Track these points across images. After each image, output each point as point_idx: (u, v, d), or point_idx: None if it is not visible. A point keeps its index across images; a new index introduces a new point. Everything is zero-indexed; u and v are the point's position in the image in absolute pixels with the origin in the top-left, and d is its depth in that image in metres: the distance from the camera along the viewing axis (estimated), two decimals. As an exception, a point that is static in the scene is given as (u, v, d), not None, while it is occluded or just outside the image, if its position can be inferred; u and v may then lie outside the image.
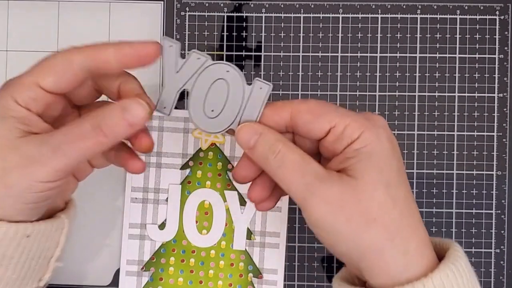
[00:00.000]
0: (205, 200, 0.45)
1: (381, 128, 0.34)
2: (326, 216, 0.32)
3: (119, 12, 0.46)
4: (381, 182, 0.33)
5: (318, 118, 0.34)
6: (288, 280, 0.46)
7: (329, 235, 0.33)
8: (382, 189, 0.32)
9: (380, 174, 0.33)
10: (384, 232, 0.32)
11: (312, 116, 0.34)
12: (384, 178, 0.33)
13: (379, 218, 0.32)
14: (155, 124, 0.45)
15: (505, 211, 0.46)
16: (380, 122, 0.34)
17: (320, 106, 0.34)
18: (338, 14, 0.46)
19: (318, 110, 0.34)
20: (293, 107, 0.34)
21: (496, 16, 0.46)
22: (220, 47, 0.46)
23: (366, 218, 0.32)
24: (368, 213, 0.32)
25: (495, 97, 0.46)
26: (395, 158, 0.34)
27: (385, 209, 0.32)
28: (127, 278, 0.45)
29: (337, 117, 0.33)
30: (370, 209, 0.32)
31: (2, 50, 0.46)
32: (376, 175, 0.33)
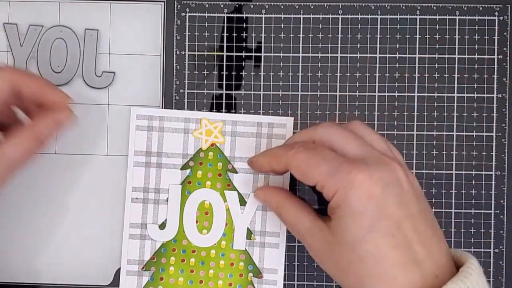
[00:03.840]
0: (205, 200, 0.45)
1: (355, 188, 0.35)
2: (315, 258, 0.39)
3: (119, 12, 0.46)
4: (348, 243, 0.36)
5: (305, 176, 0.38)
6: (288, 280, 0.46)
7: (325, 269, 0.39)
8: (349, 248, 0.36)
9: (348, 234, 0.36)
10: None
11: (300, 174, 0.38)
12: (350, 238, 0.36)
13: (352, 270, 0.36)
14: (156, 125, 0.45)
15: (504, 211, 0.46)
16: (357, 178, 0.35)
17: (307, 161, 0.37)
18: (337, 15, 0.46)
19: (305, 167, 0.37)
20: (286, 162, 0.39)
21: (495, 17, 0.46)
22: (220, 48, 0.46)
23: (340, 268, 0.37)
24: (343, 265, 0.37)
25: (494, 98, 0.46)
26: (365, 216, 0.35)
27: (355, 264, 0.36)
28: (128, 278, 0.45)
29: (319, 175, 0.37)
30: (344, 263, 0.37)
31: (3, 50, 0.46)
32: (345, 235, 0.36)
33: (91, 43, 0.46)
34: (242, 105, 0.46)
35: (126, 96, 0.46)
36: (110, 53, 0.46)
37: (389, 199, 0.35)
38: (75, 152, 0.45)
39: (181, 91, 0.46)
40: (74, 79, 0.46)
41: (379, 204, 0.35)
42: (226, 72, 0.46)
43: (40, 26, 0.46)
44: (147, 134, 0.45)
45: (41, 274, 0.46)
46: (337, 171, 0.36)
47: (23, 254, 0.46)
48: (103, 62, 0.46)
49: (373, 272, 0.35)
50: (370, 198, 0.35)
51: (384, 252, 0.35)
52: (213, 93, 0.46)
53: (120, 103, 0.46)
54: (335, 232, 0.37)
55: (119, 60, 0.46)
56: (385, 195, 0.35)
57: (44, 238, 0.46)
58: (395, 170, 0.36)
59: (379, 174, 0.36)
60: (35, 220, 0.46)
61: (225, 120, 0.45)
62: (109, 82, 0.46)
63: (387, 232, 0.35)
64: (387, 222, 0.35)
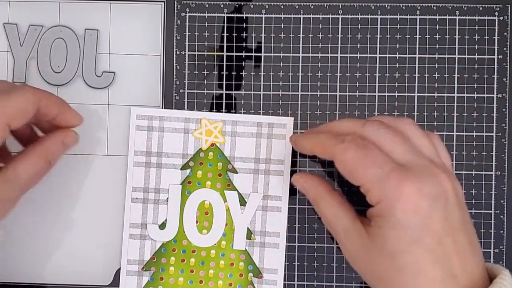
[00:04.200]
0: (205, 200, 0.45)
1: (402, 200, 0.35)
2: (349, 260, 0.39)
3: (119, 12, 0.46)
4: (388, 253, 0.36)
5: (350, 175, 0.37)
6: (288, 280, 0.46)
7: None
8: (388, 258, 0.36)
9: (389, 244, 0.35)
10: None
11: (345, 171, 0.37)
12: (390, 248, 0.35)
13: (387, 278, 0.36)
14: (156, 125, 0.45)
15: (504, 211, 0.46)
16: (405, 190, 0.35)
17: (356, 161, 0.36)
18: (337, 15, 0.46)
19: (352, 166, 0.37)
20: (333, 154, 0.38)
21: (495, 17, 0.46)
22: (220, 48, 0.46)
23: (376, 275, 0.37)
24: (380, 274, 0.37)
25: (494, 98, 0.46)
26: (409, 229, 0.35)
27: (392, 273, 0.36)
28: (128, 278, 0.45)
29: (366, 178, 0.36)
30: (381, 272, 0.36)
31: (3, 51, 0.46)
32: (385, 245, 0.36)
33: (91, 43, 0.46)
34: (242, 105, 0.46)
35: (126, 96, 0.46)
36: (110, 53, 0.46)
37: (434, 214, 0.35)
38: (75, 152, 0.45)
39: (181, 91, 0.46)
40: (74, 79, 0.46)
41: (424, 219, 0.35)
42: (226, 72, 0.46)
43: (40, 26, 0.46)
44: (147, 134, 0.45)
45: (40, 274, 0.46)
46: (386, 179, 0.35)
47: (22, 254, 0.46)
48: (103, 62, 0.46)
49: (410, 285, 0.35)
50: (416, 212, 0.35)
51: (424, 266, 0.35)
52: (213, 93, 0.46)
53: (120, 103, 0.46)
54: (375, 239, 0.36)
55: (119, 60, 0.46)
56: (431, 210, 0.35)
57: (44, 238, 0.46)
58: (443, 182, 0.36)
59: (428, 188, 0.35)
60: (35, 220, 0.46)
61: (225, 120, 0.45)
62: (109, 82, 0.46)
63: (428, 247, 0.35)
64: (429, 237, 0.35)
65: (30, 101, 0.39)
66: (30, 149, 0.41)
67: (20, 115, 0.38)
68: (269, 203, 0.45)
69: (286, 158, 0.45)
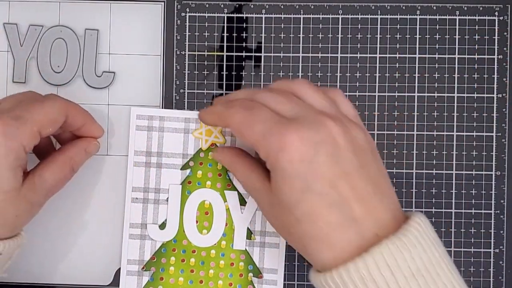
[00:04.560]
0: (206, 200, 0.45)
1: (285, 150, 0.35)
2: (266, 218, 0.40)
3: (119, 12, 0.46)
4: (285, 205, 0.36)
5: (242, 137, 0.38)
6: (288, 280, 0.46)
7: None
8: (286, 210, 0.36)
9: (284, 196, 0.36)
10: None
11: (238, 134, 0.38)
12: (286, 200, 0.36)
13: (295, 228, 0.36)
14: (156, 125, 0.45)
15: (504, 211, 0.46)
16: (287, 140, 0.35)
17: (243, 122, 0.37)
18: (337, 15, 0.46)
19: (241, 128, 0.38)
20: (226, 121, 0.39)
21: (495, 17, 0.46)
22: (220, 48, 0.46)
23: (282, 228, 0.38)
24: (285, 226, 0.37)
25: (494, 98, 0.46)
26: (298, 178, 0.35)
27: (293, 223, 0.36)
28: (128, 278, 0.45)
29: (253, 137, 0.37)
30: (285, 224, 0.37)
31: (3, 51, 0.46)
32: (282, 198, 0.36)
33: (91, 43, 0.46)
34: (242, 105, 0.46)
35: (126, 96, 0.46)
36: (110, 53, 0.46)
37: (320, 159, 0.35)
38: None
39: (181, 91, 0.46)
40: (74, 79, 0.46)
41: (310, 165, 0.35)
42: (226, 72, 0.46)
43: (40, 26, 0.46)
44: (147, 134, 0.45)
45: (40, 274, 0.46)
46: (269, 133, 0.36)
47: (21, 254, 0.46)
48: (103, 62, 0.46)
49: (310, 233, 0.35)
50: (301, 160, 0.35)
51: (319, 211, 0.35)
52: (213, 93, 0.46)
53: (120, 103, 0.46)
54: (274, 194, 0.37)
55: (119, 60, 0.46)
56: (316, 155, 0.35)
57: (44, 238, 0.46)
58: (329, 127, 0.35)
59: (310, 134, 0.35)
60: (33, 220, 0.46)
61: (225, 120, 0.45)
62: (109, 82, 0.46)
63: (320, 191, 0.35)
64: (320, 182, 0.35)
65: (61, 111, 0.40)
66: (55, 156, 0.41)
67: (51, 124, 0.39)
68: (269, 203, 0.45)
69: (286, 158, 0.45)
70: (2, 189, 0.37)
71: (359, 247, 0.34)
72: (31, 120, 0.38)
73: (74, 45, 0.46)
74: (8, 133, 0.37)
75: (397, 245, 0.33)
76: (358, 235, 0.34)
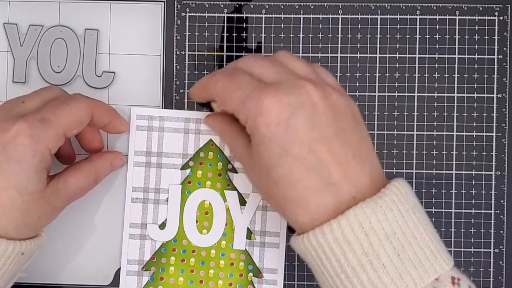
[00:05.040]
0: (205, 200, 0.45)
1: (263, 114, 0.35)
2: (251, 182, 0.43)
3: (119, 12, 0.46)
4: (264, 169, 0.36)
5: (223, 104, 0.39)
6: (288, 280, 0.46)
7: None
8: (265, 173, 0.37)
9: (262, 160, 0.36)
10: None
11: (220, 102, 0.39)
12: (264, 164, 0.36)
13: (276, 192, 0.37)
14: (156, 125, 0.45)
15: (504, 211, 0.46)
16: (265, 104, 0.35)
17: (223, 88, 0.38)
18: (337, 15, 0.46)
19: (222, 95, 0.38)
20: (210, 91, 0.39)
21: (495, 17, 0.46)
22: (220, 48, 0.46)
23: (263, 192, 0.39)
24: (265, 189, 0.38)
25: (494, 98, 0.46)
26: (275, 142, 0.35)
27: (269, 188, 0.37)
28: (128, 278, 0.45)
29: (233, 102, 0.37)
30: (264, 188, 0.38)
31: (3, 50, 0.46)
32: (260, 162, 0.37)
33: (91, 43, 0.46)
34: (242, 105, 0.46)
35: (126, 96, 0.46)
36: (110, 53, 0.46)
37: (298, 123, 0.35)
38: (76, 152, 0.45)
39: (181, 91, 0.46)
40: (74, 79, 0.46)
41: (288, 129, 0.35)
42: (226, 72, 0.46)
43: (40, 26, 0.46)
44: (147, 134, 0.45)
45: (40, 274, 0.46)
46: (248, 98, 0.36)
47: (23, 254, 0.46)
48: (103, 62, 0.46)
49: (288, 196, 0.36)
50: (279, 123, 0.35)
51: (296, 175, 0.35)
52: (213, 93, 0.46)
53: (120, 103, 0.46)
54: (254, 158, 0.37)
55: (119, 60, 0.46)
56: (294, 119, 0.35)
57: (44, 238, 0.46)
58: (308, 92, 0.36)
59: (289, 98, 0.35)
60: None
61: (225, 120, 0.45)
62: (109, 82, 0.46)
63: (298, 156, 0.35)
64: (297, 146, 0.35)
65: (87, 111, 0.40)
66: (81, 165, 0.42)
67: (76, 125, 0.40)
68: (269, 203, 0.45)
69: (286, 158, 0.45)
70: (28, 190, 0.37)
71: (336, 210, 0.34)
72: (56, 123, 0.38)
73: (74, 45, 0.46)
74: (35, 136, 0.37)
75: (372, 208, 0.34)
76: (335, 198, 0.35)
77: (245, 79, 0.37)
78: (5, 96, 0.46)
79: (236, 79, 0.37)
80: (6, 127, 0.37)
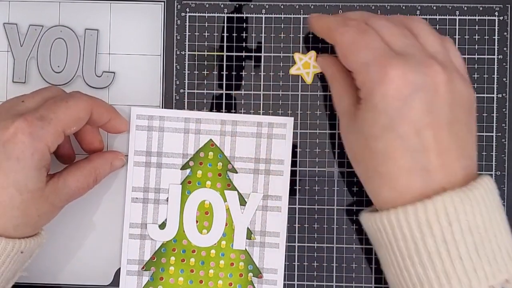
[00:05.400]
0: (205, 200, 0.45)
1: (383, 84, 0.34)
2: (342, 140, 0.40)
3: (119, 12, 0.46)
4: (363, 136, 0.36)
5: (344, 59, 0.38)
6: (288, 280, 0.46)
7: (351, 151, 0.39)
8: (363, 141, 0.36)
9: (365, 128, 0.36)
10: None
11: (341, 55, 0.38)
12: (366, 132, 0.36)
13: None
14: (156, 124, 0.45)
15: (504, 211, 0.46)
16: (389, 75, 0.34)
17: (350, 44, 0.37)
18: (338, 15, 0.46)
19: (346, 50, 0.37)
20: (334, 38, 0.38)
21: (495, 17, 0.46)
22: (220, 47, 0.46)
23: (352, 155, 0.39)
24: (356, 154, 0.38)
25: (494, 98, 0.46)
26: (385, 114, 0.35)
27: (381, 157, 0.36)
28: (128, 278, 0.45)
29: (356, 62, 0.36)
30: (356, 153, 0.38)
31: (3, 50, 0.46)
32: (363, 128, 0.36)
33: (91, 43, 0.46)
34: (242, 105, 0.46)
35: (126, 96, 0.46)
36: (110, 53, 0.46)
37: (416, 103, 0.34)
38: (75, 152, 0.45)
39: (181, 91, 0.46)
40: (74, 79, 0.46)
41: (403, 106, 0.34)
42: (226, 72, 0.46)
43: (40, 26, 0.46)
44: (147, 134, 0.45)
45: (40, 274, 0.46)
46: (373, 62, 0.35)
47: (23, 254, 0.46)
48: (103, 62, 0.46)
49: (378, 169, 0.35)
50: (396, 98, 0.34)
51: (393, 153, 0.34)
52: (213, 93, 0.46)
53: (120, 103, 0.46)
54: (357, 121, 0.37)
55: (119, 60, 0.46)
56: (413, 98, 0.34)
57: (44, 238, 0.46)
58: (434, 74, 0.35)
59: (414, 75, 0.34)
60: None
61: (225, 120, 0.45)
62: (109, 82, 0.46)
63: (403, 135, 0.34)
64: (406, 125, 0.34)
65: (86, 109, 0.40)
66: (81, 164, 0.42)
67: (75, 122, 0.40)
68: (269, 203, 0.45)
69: (286, 158, 0.45)
70: (27, 189, 0.37)
71: (422, 194, 0.34)
72: (55, 120, 0.38)
73: (74, 45, 0.46)
74: (34, 134, 0.37)
75: (461, 198, 0.33)
76: (425, 183, 0.34)
77: (376, 41, 0.36)
78: (5, 96, 0.46)
79: (367, 37, 0.36)
80: (5, 125, 0.37)
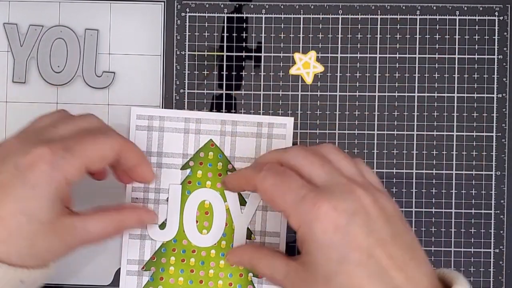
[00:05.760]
0: (206, 200, 0.45)
1: (319, 221, 0.35)
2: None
3: (119, 12, 0.46)
4: (322, 277, 0.35)
5: (271, 203, 0.37)
6: (288, 280, 0.46)
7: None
8: (324, 282, 0.35)
9: (320, 268, 0.35)
10: None
11: (267, 199, 0.38)
12: (322, 272, 0.35)
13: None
14: (156, 124, 0.45)
15: (504, 211, 0.46)
16: (321, 210, 0.35)
17: (273, 188, 0.37)
18: (337, 15, 0.46)
19: (271, 194, 0.37)
20: (255, 185, 0.38)
21: (495, 17, 0.46)
22: (220, 48, 0.46)
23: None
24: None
25: (494, 98, 0.46)
26: (333, 248, 0.34)
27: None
28: (128, 278, 0.45)
29: (284, 204, 0.36)
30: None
31: (3, 51, 0.46)
32: (317, 270, 0.35)
33: (91, 43, 0.46)
34: (242, 105, 0.46)
35: (126, 96, 0.46)
36: (110, 53, 0.46)
37: (355, 229, 0.35)
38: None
39: (181, 91, 0.46)
40: (74, 79, 0.46)
41: (345, 235, 0.34)
42: (226, 72, 0.46)
43: (40, 26, 0.46)
44: (147, 134, 0.45)
45: (41, 274, 0.46)
46: (302, 202, 0.35)
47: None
48: (103, 62, 0.46)
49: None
50: (336, 230, 0.34)
51: (359, 282, 0.34)
52: (213, 93, 0.46)
53: (120, 103, 0.46)
54: (307, 268, 0.36)
55: (119, 60, 0.46)
56: (351, 225, 0.35)
57: (44, 238, 0.46)
58: (360, 197, 0.36)
59: (344, 205, 0.35)
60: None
61: (225, 120, 0.46)
62: (109, 82, 0.46)
63: (358, 262, 0.34)
64: (357, 252, 0.34)
65: (113, 149, 0.39)
66: (107, 213, 0.40)
67: (99, 159, 0.38)
68: (269, 203, 0.45)
69: (286, 158, 0.45)
70: (38, 219, 0.36)
71: None
72: (79, 153, 0.37)
73: (74, 45, 0.46)
74: (54, 163, 0.36)
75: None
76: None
77: (297, 180, 0.37)
78: (5, 96, 0.46)
79: (287, 179, 0.37)
80: (29, 150, 0.36)
